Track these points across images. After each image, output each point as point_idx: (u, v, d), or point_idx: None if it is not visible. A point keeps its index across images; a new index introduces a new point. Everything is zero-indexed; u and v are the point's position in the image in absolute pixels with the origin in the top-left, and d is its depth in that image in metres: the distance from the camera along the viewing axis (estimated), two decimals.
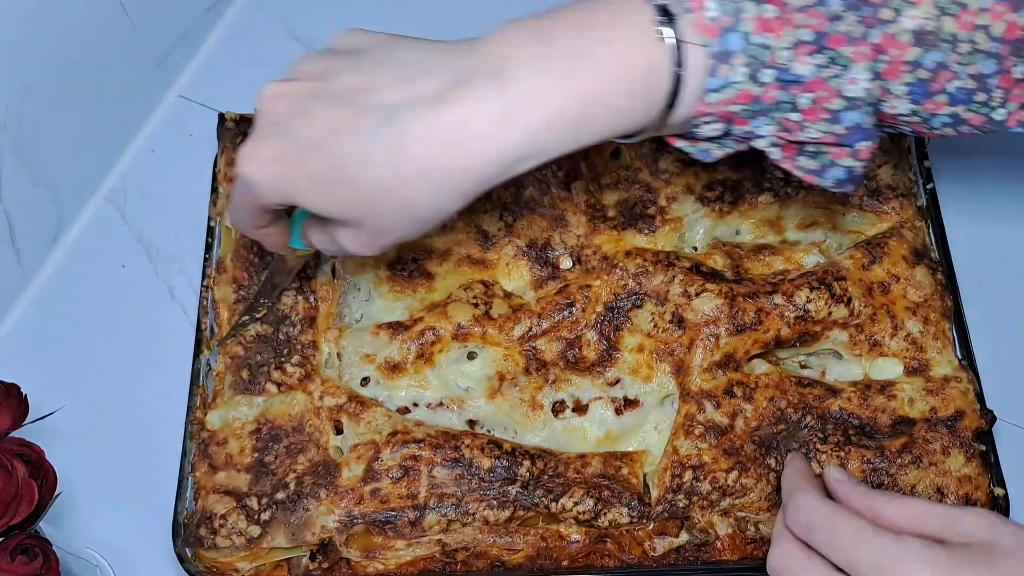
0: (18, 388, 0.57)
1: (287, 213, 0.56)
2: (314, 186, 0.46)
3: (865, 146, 0.48)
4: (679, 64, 0.45)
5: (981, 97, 0.48)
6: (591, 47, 0.45)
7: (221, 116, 0.70)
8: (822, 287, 0.63)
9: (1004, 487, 0.60)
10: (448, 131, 0.44)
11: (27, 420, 0.57)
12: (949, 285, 0.66)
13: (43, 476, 0.55)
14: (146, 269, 0.74)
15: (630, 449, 0.63)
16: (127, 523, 0.65)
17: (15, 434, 0.56)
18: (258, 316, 0.65)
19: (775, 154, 0.50)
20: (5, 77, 0.65)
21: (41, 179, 0.71)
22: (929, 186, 0.69)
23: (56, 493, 0.56)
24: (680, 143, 0.50)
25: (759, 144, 0.49)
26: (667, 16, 0.45)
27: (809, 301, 0.63)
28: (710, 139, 0.49)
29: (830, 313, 0.63)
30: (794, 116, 0.47)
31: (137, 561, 0.64)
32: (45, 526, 0.57)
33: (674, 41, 0.45)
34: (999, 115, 0.49)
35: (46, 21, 0.67)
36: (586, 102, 0.45)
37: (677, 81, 0.45)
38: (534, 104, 0.44)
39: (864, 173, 0.50)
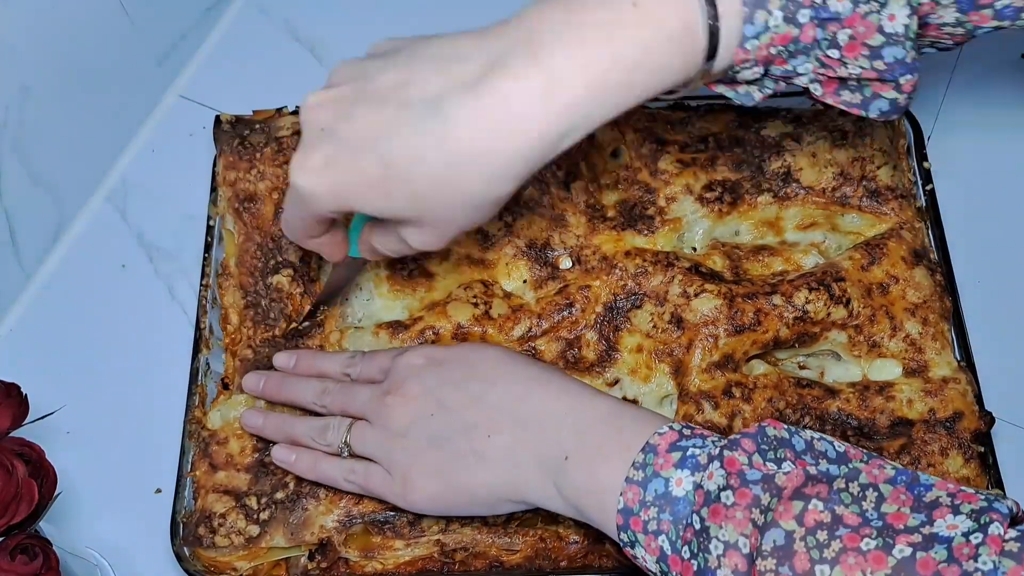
0: (18, 388, 0.57)
1: (343, 222, 0.56)
2: (369, 188, 0.46)
3: (908, 79, 0.48)
4: (714, 16, 0.45)
5: None
6: (622, 10, 0.44)
7: (217, 118, 0.70)
8: (821, 288, 0.64)
9: (1002, 488, 0.60)
10: (491, 114, 0.44)
11: (27, 420, 0.57)
12: (948, 286, 0.66)
13: (43, 476, 0.56)
14: (146, 269, 0.74)
15: None
16: (127, 522, 0.65)
17: (15, 434, 0.56)
18: (319, 320, 0.65)
19: (816, 90, 0.50)
20: (5, 77, 0.66)
21: (41, 179, 0.71)
22: (928, 187, 0.69)
23: (56, 493, 0.56)
24: (720, 88, 0.50)
25: (800, 81, 0.49)
26: None
27: (808, 302, 0.63)
28: (750, 82, 0.49)
29: (829, 314, 0.63)
30: (834, 53, 0.47)
31: (137, 560, 0.64)
32: (45, 525, 0.57)
33: None
34: None
35: (46, 21, 0.67)
36: (625, 66, 0.44)
37: (714, 33, 0.45)
38: (574, 75, 0.44)
39: (907, 103, 0.50)
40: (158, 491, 0.66)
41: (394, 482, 0.56)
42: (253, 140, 0.69)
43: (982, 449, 0.61)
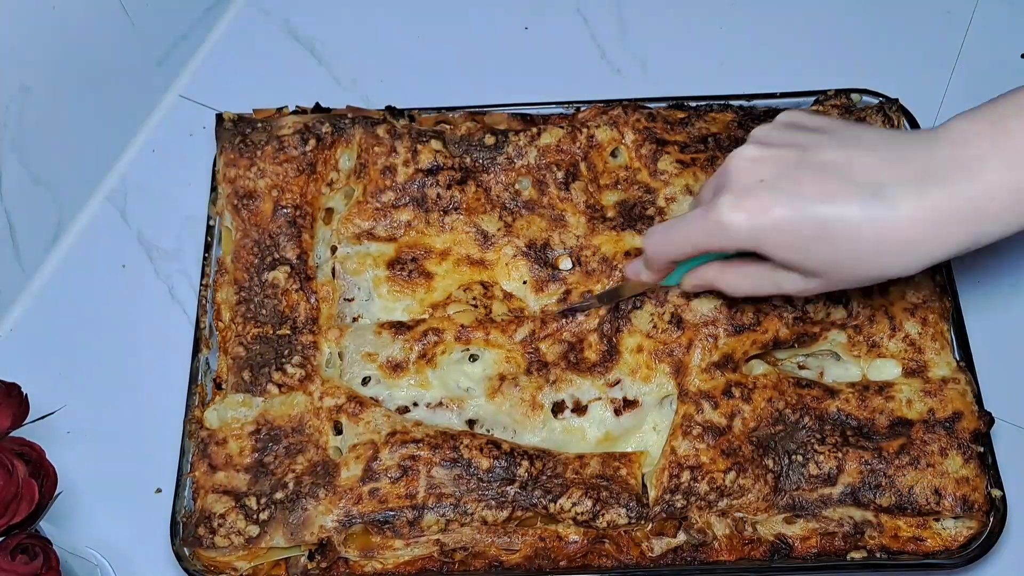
0: (18, 388, 0.57)
1: None
2: (793, 241, 0.51)
3: None
4: None
5: None
6: None
7: (219, 116, 0.70)
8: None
9: (1002, 488, 0.60)
10: (931, 212, 0.49)
11: (27, 420, 0.57)
12: (948, 286, 0.66)
13: (43, 475, 0.56)
14: (146, 269, 0.75)
15: (629, 450, 0.63)
16: (127, 522, 0.65)
17: (15, 433, 0.56)
18: (578, 309, 0.65)
19: None
20: (5, 77, 0.66)
21: (41, 179, 0.71)
22: None
23: (56, 492, 0.56)
24: None
25: None
26: None
27: (807, 302, 0.63)
28: None
29: (828, 314, 0.64)
30: None
31: (137, 560, 0.65)
32: (45, 525, 0.57)
33: None
34: None
35: (46, 21, 0.67)
36: None
37: None
38: (1002, 193, 0.49)
39: None
40: (158, 491, 0.66)
41: None
42: (254, 138, 0.69)
43: (981, 449, 0.61)
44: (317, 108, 0.72)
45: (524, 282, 0.67)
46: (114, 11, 0.73)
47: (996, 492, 0.60)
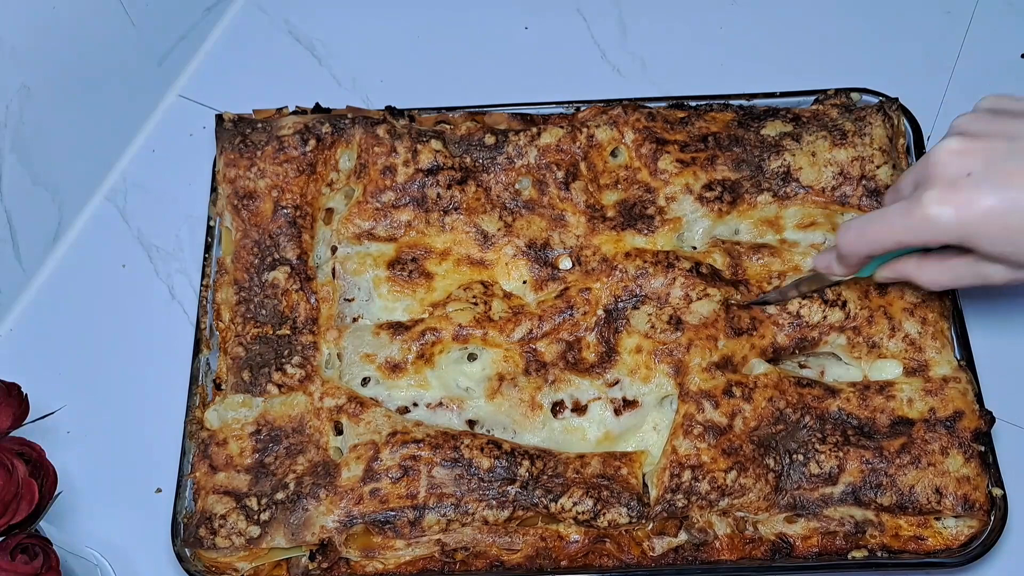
0: (18, 387, 0.57)
1: None
2: (1005, 233, 0.50)
3: None
4: None
5: None
6: None
7: (219, 117, 0.70)
8: (814, 294, 0.64)
9: (1002, 487, 0.60)
10: None
11: (27, 419, 0.57)
12: None
13: (43, 475, 0.56)
14: (146, 269, 0.75)
15: (629, 449, 0.63)
16: (127, 522, 0.65)
17: (15, 433, 0.56)
18: (770, 300, 0.64)
19: None
20: (5, 77, 0.66)
21: (41, 179, 0.71)
22: None
23: (56, 492, 0.56)
24: None
25: None
26: None
27: (802, 307, 0.63)
28: None
29: (825, 317, 0.64)
30: None
31: (137, 560, 0.64)
32: (45, 525, 0.57)
33: None
34: None
35: (46, 21, 0.67)
36: None
37: None
38: None
39: None
40: (158, 491, 0.66)
41: None
42: (254, 138, 0.69)
43: (982, 448, 0.61)
44: (317, 108, 0.72)
45: (524, 282, 0.67)
46: (114, 11, 0.73)
47: (997, 491, 0.60)
